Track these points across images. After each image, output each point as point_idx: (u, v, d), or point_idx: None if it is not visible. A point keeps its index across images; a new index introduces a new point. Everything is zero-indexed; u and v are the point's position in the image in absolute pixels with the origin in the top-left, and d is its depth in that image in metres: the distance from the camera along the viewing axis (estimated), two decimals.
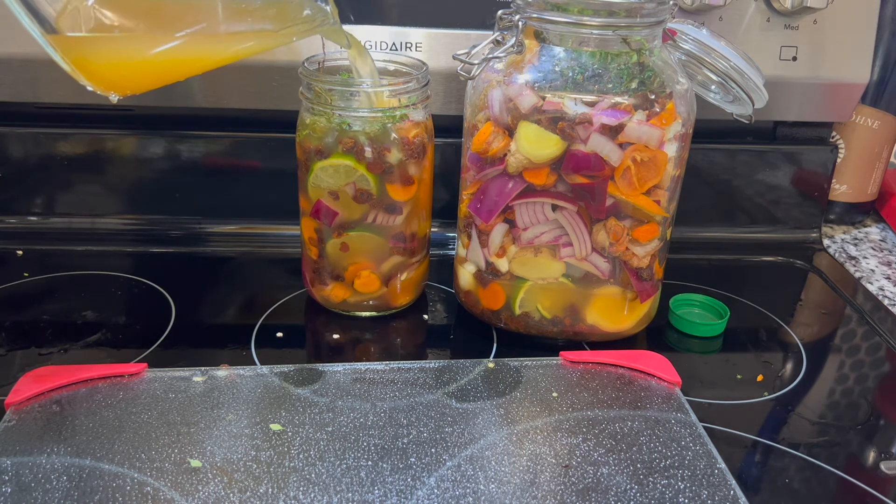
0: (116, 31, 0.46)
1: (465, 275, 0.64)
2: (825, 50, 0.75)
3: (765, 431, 0.54)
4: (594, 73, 0.55)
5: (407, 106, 0.59)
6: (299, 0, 0.53)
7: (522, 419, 0.51)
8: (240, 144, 0.77)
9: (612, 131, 0.54)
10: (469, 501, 0.44)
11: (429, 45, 0.72)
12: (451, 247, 0.78)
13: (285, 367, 0.56)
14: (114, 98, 0.48)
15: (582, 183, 0.56)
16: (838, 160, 0.85)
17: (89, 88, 0.47)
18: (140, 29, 0.47)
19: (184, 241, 0.77)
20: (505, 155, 0.56)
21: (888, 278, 0.78)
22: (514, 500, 0.45)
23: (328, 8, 0.54)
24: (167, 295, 0.67)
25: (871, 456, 0.52)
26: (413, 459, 0.47)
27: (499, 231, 0.60)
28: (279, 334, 0.63)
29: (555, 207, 0.57)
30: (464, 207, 0.62)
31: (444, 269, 0.73)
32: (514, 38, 0.56)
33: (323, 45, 0.63)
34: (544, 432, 0.50)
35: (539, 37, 0.56)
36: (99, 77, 0.47)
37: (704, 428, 0.51)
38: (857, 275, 0.79)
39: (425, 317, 0.67)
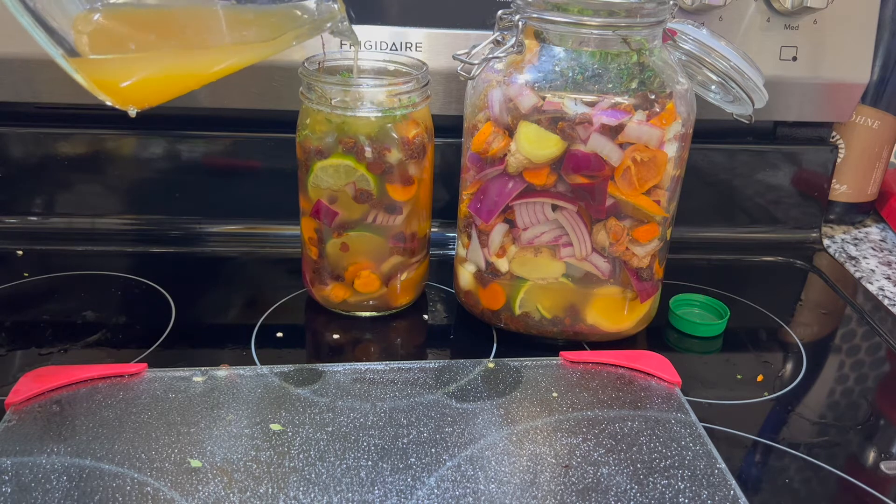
0: (131, 45, 0.46)
1: (465, 275, 0.64)
2: (825, 50, 0.75)
3: (765, 431, 0.54)
4: (594, 73, 0.55)
5: (407, 106, 0.59)
6: (309, 1, 0.53)
7: (522, 419, 0.51)
8: (240, 144, 0.77)
9: (612, 131, 0.54)
10: (469, 501, 0.44)
11: (429, 45, 0.72)
12: (451, 247, 0.78)
13: (285, 367, 0.56)
14: (132, 112, 0.49)
15: (582, 183, 0.56)
16: (838, 160, 0.85)
17: (108, 104, 0.48)
18: (152, 41, 0.47)
19: (184, 241, 0.77)
20: (505, 155, 0.56)
21: (888, 278, 0.78)
22: (514, 500, 0.45)
23: (336, 6, 0.54)
24: (167, 295, 0.67)
25: (871, 456, 0.52)
26: (413, 459, 0.47)
27: (499, 231, 0.60)
28: (279, 334, 0.63)
29: (555, 207, 0.57)
30: (464, 207, 0.62)
31: (444, 269, 0.73)
32: (514, 38, 0.56)
33: (323, 45, 0.63)
34: (544, 432, 0.50)
35: (539, 37, 0.56)
36: (120, 95, 0.48)
37: (704, 428, 0.51)
38: (857, 275, 0.79)
39: (425, 317, 0.67)
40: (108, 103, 0.48)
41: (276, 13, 0.52)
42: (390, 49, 0.71)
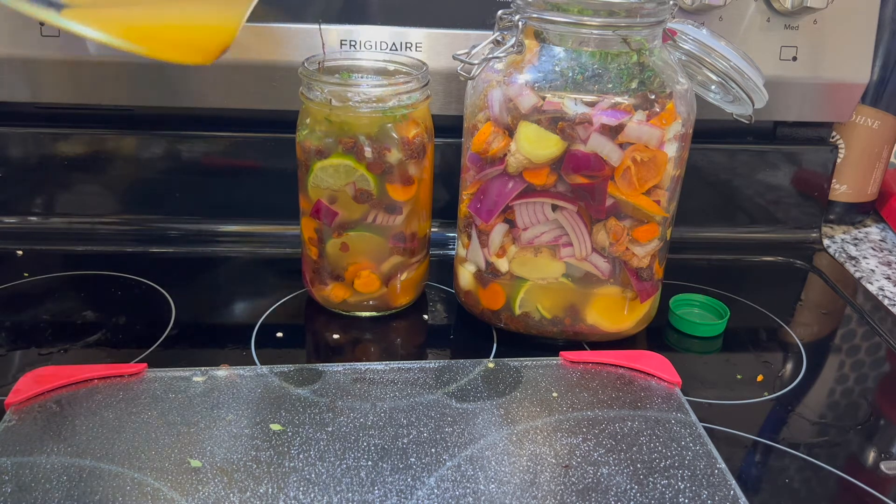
0: None
1: (465, 275, 0.64)
2: (825, 50, 0.75)
3: (765, 431, 0.54)
4: (594, 73, 0.55)
5: (407, 106, 0.59)
6: None
7: (522, 419, 0.51)
8: (240, 144, 0.76)
9: (612, 131, 0.54)
10: (469, 501, 0.44)
11: (429, 45, 0.72)
12: (451, 247, 0.78)
13: (285, 367, 0.56)
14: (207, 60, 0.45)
15: (582, 183, 0.56)
16: (838, 160, 0.85)
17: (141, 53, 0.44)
18: None
19: (184, 241, 0.77)
20: (505, 155, 0.56)
21: (888, 278, 0.78)
22: (514, 500, 0.45)
23: None
24: (167, 295, 0.67)
25: (871, 456, 0.52)
26: (413, 459, 0.47)
27: (499, 231, 0.60)
28: (279, 334, 0.62)
29: (555, 207, 0.57)
30: (464, 207, 0.62)
31: (444, 269, 0.73)
32: (514, 38, 0.56)
33: (323, 45, 0.64)
34: (544, 432, 0.50)
35: (539, 37, 0.56)
36: (151, 39, 0.44)
37: (704, 428, 0.51)
38: (857, 275, 0.79)
39: (425, 317, 0.67)
40: (141, 52, 0.44)
41: None
42: (390, 49, 0.71)
